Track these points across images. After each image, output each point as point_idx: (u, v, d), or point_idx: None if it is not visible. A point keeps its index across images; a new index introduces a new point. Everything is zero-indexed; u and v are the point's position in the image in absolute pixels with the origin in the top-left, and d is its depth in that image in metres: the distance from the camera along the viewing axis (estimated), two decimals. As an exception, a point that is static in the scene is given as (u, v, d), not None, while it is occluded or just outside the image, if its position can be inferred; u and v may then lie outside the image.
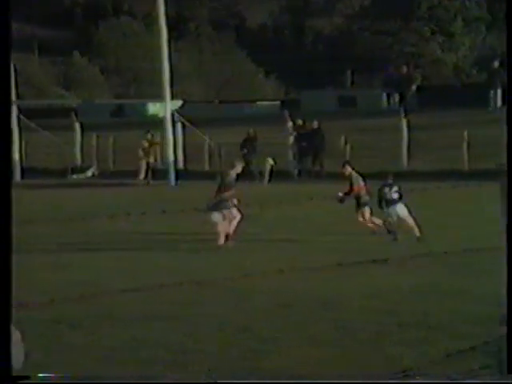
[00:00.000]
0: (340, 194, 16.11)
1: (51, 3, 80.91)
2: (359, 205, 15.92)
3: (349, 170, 16.21)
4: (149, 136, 28.50)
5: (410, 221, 15.30)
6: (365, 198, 15.90)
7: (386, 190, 15.47)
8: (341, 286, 11.84)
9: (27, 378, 5.43)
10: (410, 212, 15.33)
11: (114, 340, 9.41)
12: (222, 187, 15.46)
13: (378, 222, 15.88)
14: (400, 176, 23.94)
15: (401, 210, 15.35)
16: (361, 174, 16.26)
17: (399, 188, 15.53)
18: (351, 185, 16.00)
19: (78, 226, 17.12)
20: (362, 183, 16.04)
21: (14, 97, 30.43)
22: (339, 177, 17.03)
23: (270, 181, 26.78)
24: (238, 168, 15.86)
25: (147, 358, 8.70)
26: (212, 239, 15.57)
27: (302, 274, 12.43)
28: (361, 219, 15.96)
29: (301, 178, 27.34)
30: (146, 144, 28.27)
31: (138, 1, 70.40)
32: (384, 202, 15.45)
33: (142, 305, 10.71)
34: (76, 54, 72.69)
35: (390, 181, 15.60)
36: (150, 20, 34.49)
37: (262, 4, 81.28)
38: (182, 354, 8.82)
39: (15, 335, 5.53)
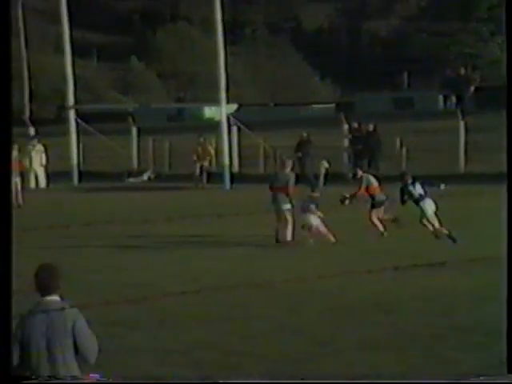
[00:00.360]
0: (345, 195, 16.56)
1: (110, 10, 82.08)
2: (374, 205, 16.37)
3: (360, 172, 16.97)
4: (201, 140, 28.80)
5: (434, 219, 15.29)
6: (379, 197, 16.39)
7: (411, 188, 15.51)
8: (397, 288, 11.76)
9: (27, 378, 5.50)
10: (437, 208, 15.32)
11: (172, 341, 9.52)
12: (285, 186, 15.76)
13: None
14: (457, 178, 23.76)
15: (432, 204, 15.36)
16: (375, 176, 16.94)
17: (422, 183, 15.53)
18: (359, 186, 16.54)
19: (135, 228, 17.32)
20: (375, 184, 16.62)
21: (72, 101, 30.97)
22: (395, 180, 17.02)
23: (325, 184, 26.71)
24: (289, 166, 16.26)
25: (202, 360, 8.76)
26: (268, 242, 15.63)
27: (359, 277, 12.38)
28: (374, 219, 16.21)
29: (356, 180, 27.18)
30: (199, 148, 28.56)
31: (194, 6, 70.95)
32: (414, 200, 15.46)
33: (201, 307, 10.79)
34: (134, 59, 73.60)
35: (410, 181, 15.59)
36: (207, 25, 34.73)
37: (318, 7, 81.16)
38: (237, 356, 8.87)
39: (87, 329, 5.70)
